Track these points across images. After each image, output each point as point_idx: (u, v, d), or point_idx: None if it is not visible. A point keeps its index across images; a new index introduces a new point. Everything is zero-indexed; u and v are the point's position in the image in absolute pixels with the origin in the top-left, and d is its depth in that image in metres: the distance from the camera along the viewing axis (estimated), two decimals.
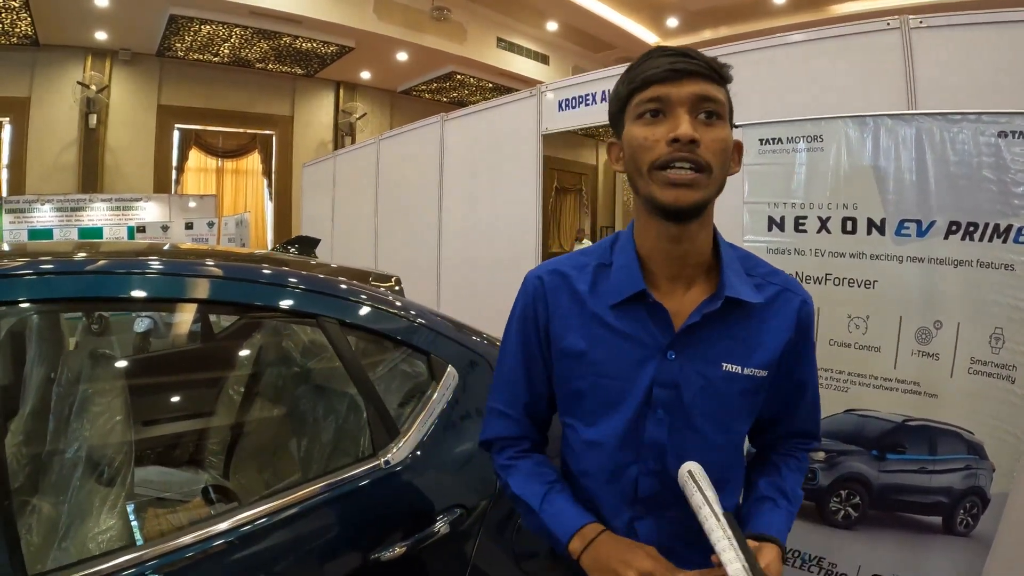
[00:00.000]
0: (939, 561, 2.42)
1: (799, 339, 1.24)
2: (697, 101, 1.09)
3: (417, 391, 1.92)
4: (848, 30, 3.45)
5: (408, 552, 1.59)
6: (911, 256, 2.38)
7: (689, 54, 1.11)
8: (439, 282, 6.10)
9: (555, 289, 1.28)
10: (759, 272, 1.25)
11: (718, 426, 1.20)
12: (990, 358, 2.27)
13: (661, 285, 1.21)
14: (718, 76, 1.12)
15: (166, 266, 1.72)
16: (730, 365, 1.19)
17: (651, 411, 1.19)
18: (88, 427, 1.83)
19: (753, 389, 1.21)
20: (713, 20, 12.91)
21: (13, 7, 9.71)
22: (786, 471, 1.32)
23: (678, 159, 1.07)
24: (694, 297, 1.19)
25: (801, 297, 1.25)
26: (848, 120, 2.51)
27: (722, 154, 1.11)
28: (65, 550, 1.60)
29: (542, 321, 1.29)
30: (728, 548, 0.97)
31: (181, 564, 1.37)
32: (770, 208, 2.64)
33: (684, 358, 1.18)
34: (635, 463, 1.22)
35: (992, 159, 2.24)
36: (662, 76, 1.10)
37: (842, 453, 2.53)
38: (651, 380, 1.19)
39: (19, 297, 1.47)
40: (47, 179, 11.47)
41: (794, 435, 1.37)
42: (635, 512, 1.24)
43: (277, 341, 2.54)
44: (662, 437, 1.19)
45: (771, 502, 1.25)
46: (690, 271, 1.21)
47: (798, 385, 1.30)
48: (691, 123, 1.08)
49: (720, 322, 1.18)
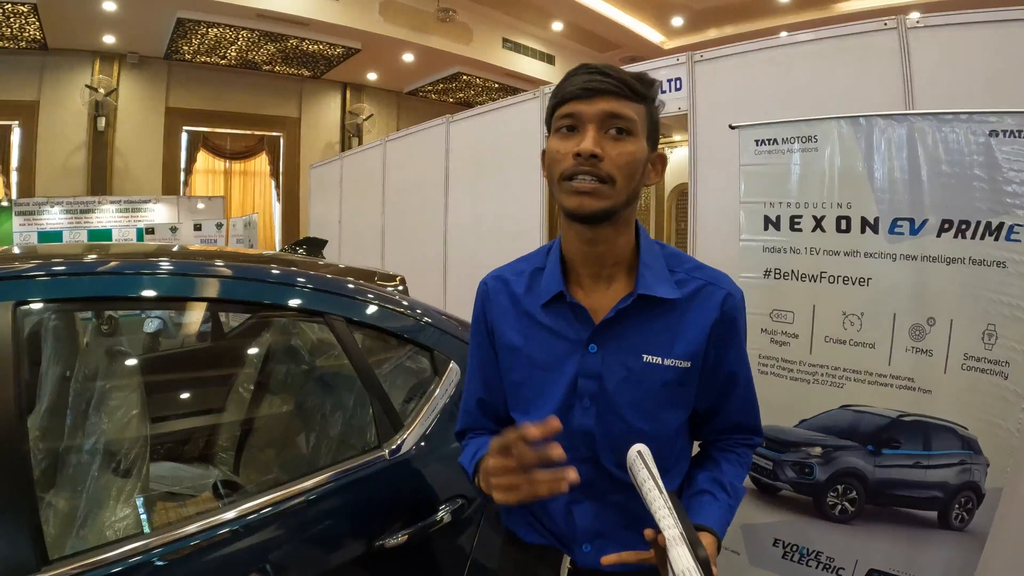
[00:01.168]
0: (935, 555, 2.44)
1: (724, 331, 1.28)
2: (606, 118, 1.17)
3: (421, 386, 1.98)
4: (845, 30, 3.47)
5: (411, 539, 1.64)
6: (904, 254, 2.41)
7: (606, 72, 1.18)
8: (445, 282, 6.12)
9: (496, 292, 1.40)
10: (684, 268, 1.31)
11: (643, 415, 1.26)
12: (983, 354, 2.30)
13: (585, 284, 1.30)
14: (633, 93, 1.19)
15: (179, 266, 1.77)
16: (650, 356, 1.25)
17: (578, 400, 1.27)
18: (105, 422, 1.88)
19: (676, 380, 1.26)
20: (718, 19, 12.89)
21: (22, 12, 9.77)
22: (725, 465, 1.36)
23: (580, 172, 1.16)
24: (615, 294, 1.27)
25: (725, 290, 1.29)
26: (842, 120, 2.54)
27: (627, 167, 1.18)
28: (83, 538, 1.65)
29: (489, 322, 1.40)
30: (667, 516, 1.01)
31: (196, 549, 1.42)
32: (766, 208, 2.67)
33: (606, 351, 1.26)
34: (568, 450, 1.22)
35: (983, 158, 2.27)
36: (576, 94, 1.18)
37: (838, 448, 2.56)
38: (575, 371, 1.27)
39: (36, 297, 1.53)
40: (56, 182, 11.53)
41: (733, 429, 1.41)
42: (572, 496, 1.30)
43: (286, 339, 2.59)
44: (589, 425, 1.27)
45: (709, 495, 1.29)
46: (609, 270, 1.28)
47: (728, 377, 1.33)
48: (596, 139, 1.16)
49: (638, 317, 1.25)
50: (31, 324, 1.97)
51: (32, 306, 1.54)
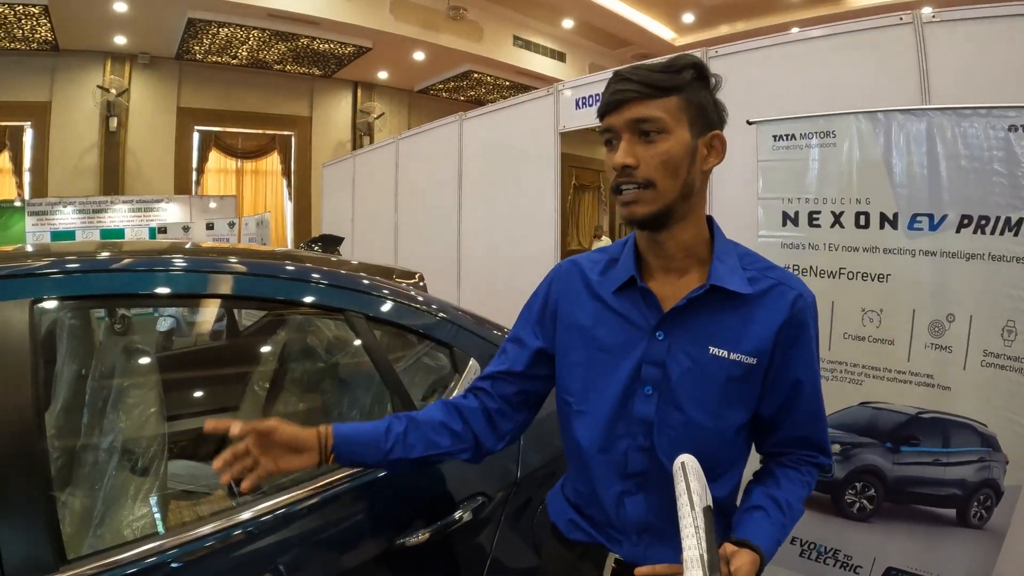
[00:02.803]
0: (953, 553, 2.43)
1: (793, 332, 1.27)
2: (633, 124, 1.19)
3: (440, 383, 1.98)
4: (861, 25, 3.45)
5: (432, 538, 1.63)
6: (924, 250, 2.40)
7: (628, 78, 1.20)
8: (459, 279, 6.13)
9: (569, 274, 1.41)
10: (756, 267, 1.30)
11: (704, 409, 1.25)
12: (1003, 351, 2.29)
13: (656, 275, 1.31)
14: (656, 91, 1.19)
15: (197, 263, 1.78)
16: (717, 349, 1.24)
17: (640, 387, 1.27)
18: (122, 420, 1.88)
19: (741, 376, 1.25)
20: (729, 15, 12.87)
21: (33, 14, 9.82)
22: (785, 482, 1.34)
23: (622, 183, 1.21)
24: (686, 285, 1.27)
25: (797, 291, 1.28)
26: (860, 116, 2.53)
27: (663, 167, 1.19)
28: (101, 536, 1.65)
29: (552, 301, 1.42)
30: (692, 535, 0.99)
31: (214, 548, 1.42)
32: (784, 203, 2.66)
33: (672, 339, 1.25)
34: (625, 437, 1.29)
35: (1003, 153, 2.26)
36: (606, 109, 1.23)
37: (857, 445, 2.55)
38: (640, 358, 1.27)
39: (53, 294, 1.52)
40: (69, 182, 11.59)
41: (798, 444, 1.38)
42: (625, 487, 1.30)
43: (302, 337, 2.59)
44: (649, 413, 1.26)
45: (761, 511, 1.27)
46: (680, 263, 1.29)
47: (794, 383, 1.31)
48: (628, 149, 1.20)
49: (709, 308, 1.25)
50: (48, 322, 1.97)
51: (49, 303, 1.54)
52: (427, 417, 1.41)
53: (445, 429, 1.40)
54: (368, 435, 1.35)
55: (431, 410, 1.43)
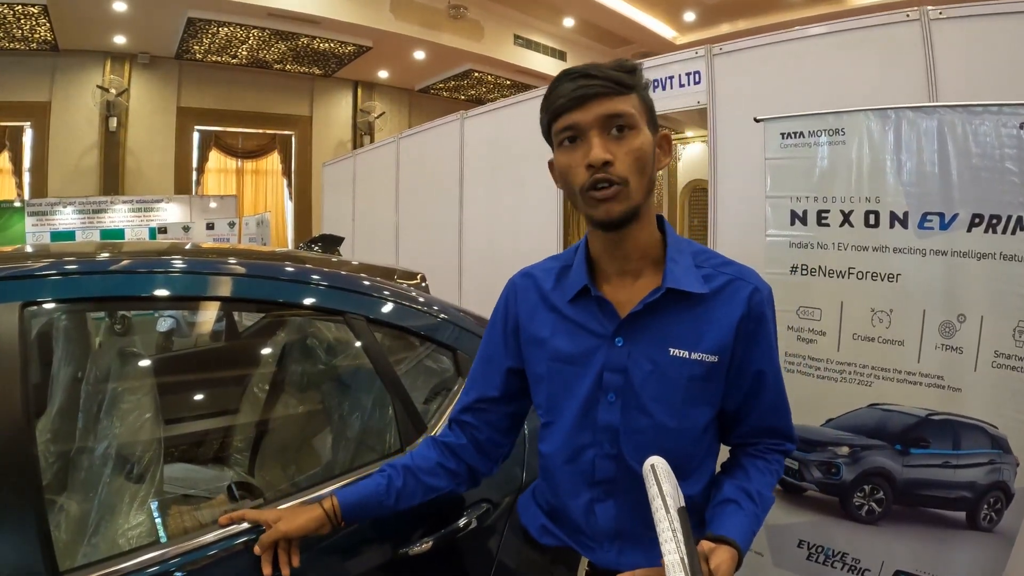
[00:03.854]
0: (963, 556, 2.41)
1: (751, 326, 1.28)
2: (604, 120, 1.18)
3: (443, 387, 1.95)
4: (867, 22, 3.43)
5: (436, 545, 1.61)
6: (934, 249, 2.37)
7: (592, 74, 1.19)
8: (460, 278, 6.13)
9: (525, 289, 1.44)
10: (711, 264, 1.31)
11: (669, 410, 1.26)
12: (1014, 351, 2.26)
13: (611, 279, 1.32)
14: (623, 87, 1.19)
15: (195, 265, 1.75)
16: (677, 350, 1.25)
17: (603, 395, 1.28)
18: (117, 424, 1.86)
19: (703, 375, 1.26)
20: (730, 14, 12.86)
21: (32, 13, 9.79)
22: (754, 472, 1.35)
23: (597, 181, 1.18)
24: (641, 288, 1.28)
25: (753, 285, 1.29)
26: (870, 113, 2.51)
27: (637, 163, 1.19)
28: (95, 546, 1.62)
29: (512, 317, 1.44)
30: (670, 539, 0.98)
31: (213, 558, 1.39)
32: (792, 202, 2.64)
33: (632, 344, 1.27)
34: (591, 446, 1.30)
35: (1014, 151, 2.23)
36: (568, 105, 1.20)
37: (866, 448, 2.53)
38: (601, 365, 1.28)
39: (45, 297, 1.49)
40: (69, 182, 11.58)
41: (764, 433, 1.40)
42: (594, 494, 1.32)
43: (301, 339, 2.56)
44: (614, 420, 1.28)
45: (734, 504, 1.27)
46: (635, 266, 1.30)
47: (756, 375, 1.32)
48: (602, 144, 1.18)
49: (665, 311, 1.26)
50: (40, 324, 1.94)
51: (41, 306, 1.51)
52: (422, 462, 1.47)
53: (441, 470, 1.47)
54: (371, 497, 1.43)
55: (424, 452, 1.49)
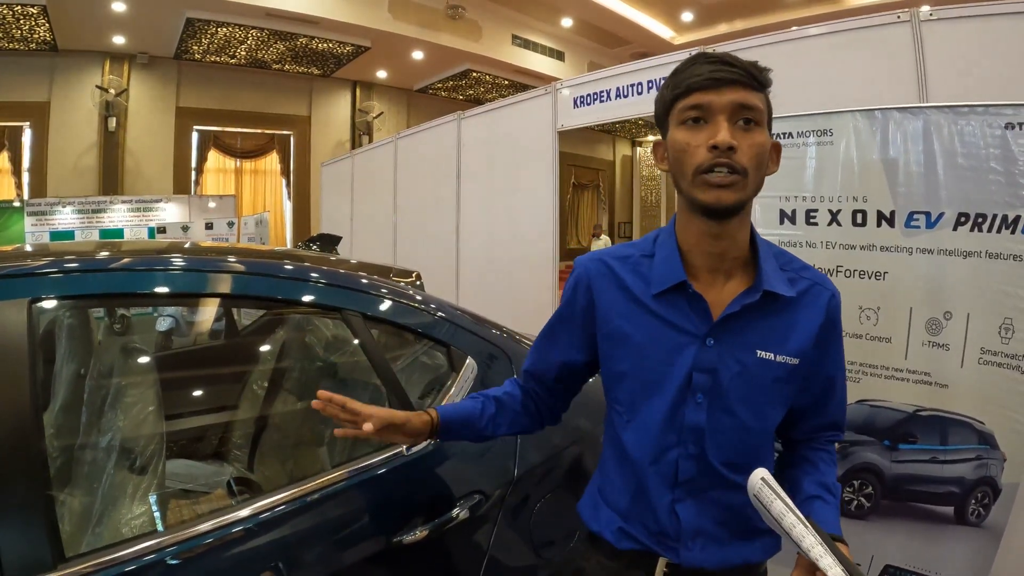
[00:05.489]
0: (951, 550, 2.43)
1: (828, 331, 1.29)
2: (736, 109, 1.16)
3: (437, 382, 1.98)
4: (859, 24, 3.46)
5: (430, 535, 1.64)
6: (920, 248, 2.40)
7: (730, 62, 1.17)
8: (457, 278, 6.15)
9: (600, 276, 1.36)
10: (792, 267, 1.31)
11: (753, 411, 1.26)
12: (1000, 348, 2.29)
13: (701, 277, 1.28)
14: (757, 83, 1.18)
15: (197, 262, 1.77)
16: (764, 352, 1.24)
17: (691, 395, 1.25)
18: (120, 418, 1.89)
19: (786, 376, 1.26)
20: (728, 14, 12.89)
21: (31, 14, 9.82)
22: (823, 466, 1.36)
23: (717, 164, 1.14)
24: (732, 289, 1.26)
25: (831, 291, 1.30)
26: (857, 114, 2.53)
27: (757, 158, 1.17)
28: (99, 535, 1.66)
29: (584, 303, 1.38)
30: (825, 554, 0.98)
31: (213, 546, 1.43)
32: (781, 202, 2.67)
33: (721, 345, 1.24)
34: (676, 447, 1.27)
35: (999, 151, 2.26)
36: (704, 84, 1.16)
37: (855, 443, 2.55)
38: (691, 365, 1.25)
39: (51, 294, 1.53)
40: (68, 182, 11.60)
41: (823, 429, 1.41)
42: (676, 495, 1.29)
43: (300, 336, 2.59)
44: (701, 421, 1.25)
45: (820, 500, 1.28)
46: (728, 265, 1.27)
47: (828, 378, 1.34)
48: (729, 130, 1.14)
49: (756, 312, 1.24)
50: (46, 321, 1.97)
51: (47, 303, 1.54)
52: (509, 400, 1.50)
53: (525, 411, 1.50)
54: (468, 417, 1.45)
55: (511, 391, 1.52)
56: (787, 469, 1.40)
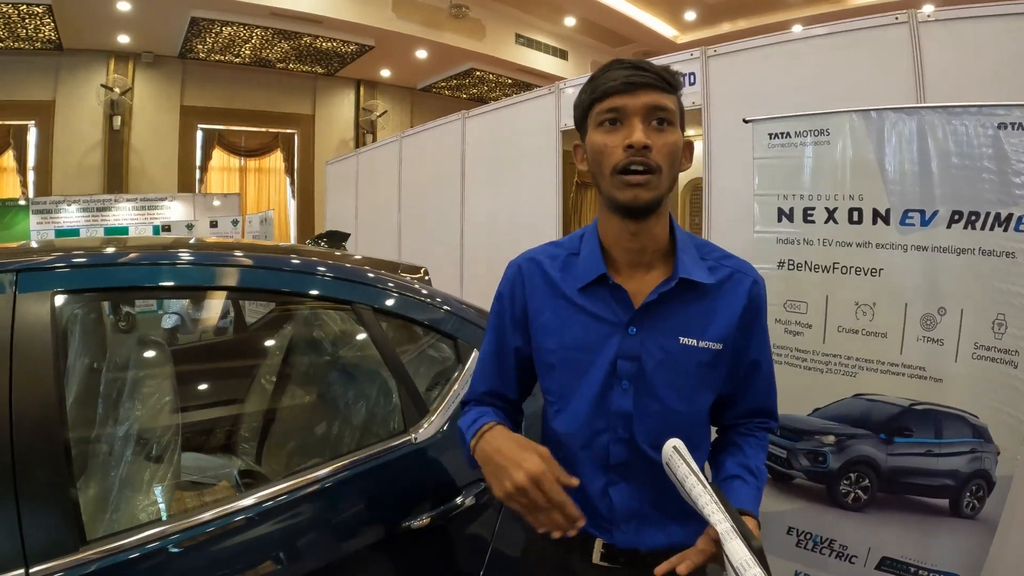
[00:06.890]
0: (947, 543, 2.47)
1: (750, 316, 1.36)
2: (650, 110, 1.23)
3: (444, 374, 2.03)
4: (857, 24, 3.48)
5: (435, 522, 1.69)
6: (915, 245, 2.44)
7: (644, 67, 1.24)
8: (462, 276, 6.16)
9: (531, 274, 1.43)
10: (713, 256, 1.38)
11: (679, 396, 1.32)
12: (993, 343, 2.33)
13: (622, 270, 1.35)
14: (669, 86, 1.25)
15: (211, 257, 1.83)
16: (687, 339, 1.31)
17: (616, 382, 1.32)
18: (138, 408, 1.93)
19: (710, 362, 1.32)
20: (731, 13, 12.85)
21: (37, 13, 9.81)
22: (749, 449, 1.42)
23: (633, 163, 1.22)
24: (652, 280, 1.33)
25: (752, 278, 1.37)
26: (853, 114, 2.57)
27: (671, 156, 1.25)
28: (118, 520, 1.71)
29: (519, 303, 1.43)
30: (717, 510, 1.06)
31: (227, 530, 1.48)
32: (779, 200, 2.71)
33: (644, 333, 1.31)
34: (605, 431, 1.34)
35: (992, 150, 2.30)
36: (619, 88, 1.23)
37: (851, 437, 2.59)
38: (615, 353, 1.31)
39: (77, 286, 1.58)
40: (73, 180, 11.58)
41: (753, 413, 1.47)
42: (609, 478, 1.35)
43: (309, 330, 2.63)
44: (628, 406, 1.32)
45: (740, 480, 1.34)
46: (647, 258, 1.34)
47: (753, 362, 1.41)
48: (644, 130, 1.22)
49: (676, 301, 1.31)
50: (68, 313, 2.02)
51: (68, 295, 1.58)
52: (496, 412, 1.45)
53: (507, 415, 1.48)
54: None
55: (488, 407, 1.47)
56: (717, 454, 1.47)
